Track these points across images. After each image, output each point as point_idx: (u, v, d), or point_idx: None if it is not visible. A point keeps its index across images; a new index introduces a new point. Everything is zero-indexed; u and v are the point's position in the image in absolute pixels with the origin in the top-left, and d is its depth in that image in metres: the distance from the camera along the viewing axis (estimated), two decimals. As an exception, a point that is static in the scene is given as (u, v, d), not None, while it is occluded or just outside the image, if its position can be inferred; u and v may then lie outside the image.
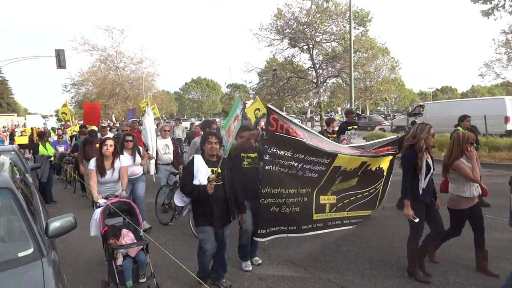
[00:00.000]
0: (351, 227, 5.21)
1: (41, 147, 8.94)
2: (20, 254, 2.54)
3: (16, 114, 54.46)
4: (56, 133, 14.06)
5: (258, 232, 4.08)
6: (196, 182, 3.69)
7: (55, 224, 2.82)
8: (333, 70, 23.45)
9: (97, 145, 7.64)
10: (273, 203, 4.01)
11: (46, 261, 2.50)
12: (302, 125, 4.21)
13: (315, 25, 22.22)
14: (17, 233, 2.82)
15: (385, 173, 5.30)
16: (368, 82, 23.52)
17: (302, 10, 22.64)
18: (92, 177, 4.56)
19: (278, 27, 23.20)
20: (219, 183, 3.77)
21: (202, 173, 3.72)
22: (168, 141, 7.08)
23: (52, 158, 9.35)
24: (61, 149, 10.99)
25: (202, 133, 10.24)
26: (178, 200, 3.91)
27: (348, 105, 16.79)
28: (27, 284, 2.30)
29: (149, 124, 6.96)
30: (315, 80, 23.66)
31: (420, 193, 3.85)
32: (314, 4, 22.33)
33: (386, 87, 24.05)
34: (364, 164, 4.81)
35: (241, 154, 4.27)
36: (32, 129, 22.08)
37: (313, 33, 22.73)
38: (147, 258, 3.83)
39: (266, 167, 3.91)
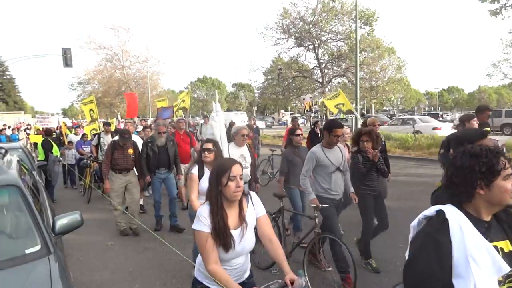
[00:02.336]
0: None
1: (54, 146, 8.82)
2: (27, 251, 2.56)
3: (23, 112, 54.90)
4: (74, 131, 12.55)
5: None
6: None
7: (62, 222, 2.84)
8: (338, 69, 23.41)
9: (130, 151, 6.02)
10: None
11: (53, 258, 2.51)
12: None
13: (320, 24, 22.18)
14: (24, 230, 2.84)
15: None
16: (373, 82, 23.42)
17: (308, 9, 22.62)
18: (209, 252, 2.05)
19: (284, 26, 23.18)
20: None
21: (482, 264, 1.41)
22: (245, 150, 4.97)
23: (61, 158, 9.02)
24: (87, 149, 9.84)
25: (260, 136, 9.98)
26: None
27: (354, 105, 16.67)
28: (34, 280, 2.31)
29: (219, 127, 4.99)
30: (320, 80, 23.61)
31: None
32: (320, 3, 22.28)
33: (391, 87, 23.93)
34: None
35: None
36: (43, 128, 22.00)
37: (318, 32, 22.68)
38: None
39: None
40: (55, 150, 8.95)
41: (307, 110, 17.00)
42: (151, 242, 5.50)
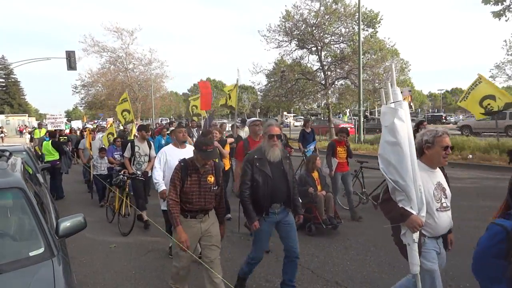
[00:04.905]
0: None
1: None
2: (31, 254, 2.57)
3: (27, 115, 55.30)
4: (114, 133, 10.38)
5: None
6: None
7: (66, 224, 2.84)
8: (341, 71, 23.37)
9: (211, 179, 3.46)
10: None
11: (56, 260, 2.52)
12: None
13: (323, 26, 22.18)
14: (28, 233, 2.85)
15: None
16: (377, 84, 23.37)
17: (311, 11, 22.63)
18: None
19: (287, 28, 23.21)
20: None
21: None
22: (441, 175, 2.89)
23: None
24: (118, 157, 8.25)
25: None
26: None
27: (357, 107, 16.68)
28: (37, 283, 2.32)
29: (407, 129, 2.64)
30: (323, 82, 23.58)
31: None
32: (323, 5, 22.30)
33: (395, 89, 23.89)
34: None
35: None
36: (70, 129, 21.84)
37: (321, 34, 22.68)
38: None
39: None
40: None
41: None
42: (154, 244, 5.50)
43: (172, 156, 4.59)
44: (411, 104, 11.65)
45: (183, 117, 62.42)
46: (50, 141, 9.60)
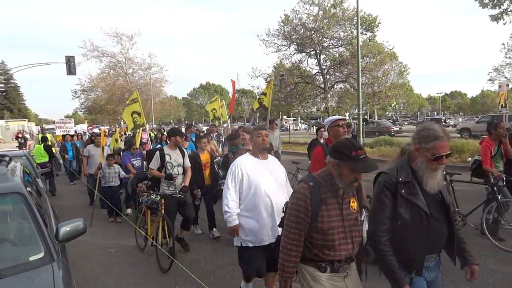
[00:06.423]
0: None
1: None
2: (31, 258, 2.58)
3: (27, 120, 55.32)
4: (118, 140, 9.56)
5: None
6: None
7: (65, 229, 2.85)
8: (340, 75, 23.46)
9: (354, 204, 2.19)
10: None
11: (56, 265, 2.52)
12: None
13: (322, 30, 22.29)
14: (28, 237, 2.86)
15: None
16: (376, 87, 23.44)
17: (310, 16, 22.74)
18: None
19: (285, 33, 23.33)
20: None
21: None
22: None
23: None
24: (137, 163, 7.66)
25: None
26: None
27: (356, 110, 16.69)
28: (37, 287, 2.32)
29: None
30: (322, 86, 23.66)
31: None
32: (322, 9, 22.41)
33: (394, 92, 23.95)
34: None
35: None
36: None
37: (320, 38, 22.79)
38: None
39: None
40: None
41: (502, 106, 10.52)
42: (154, 249, 5.49)
43: (252, 171, 3.22)
44: (507, 102, 10.08)
45: (183, 121, 62.51)
46: (42, 144, 10.70)
